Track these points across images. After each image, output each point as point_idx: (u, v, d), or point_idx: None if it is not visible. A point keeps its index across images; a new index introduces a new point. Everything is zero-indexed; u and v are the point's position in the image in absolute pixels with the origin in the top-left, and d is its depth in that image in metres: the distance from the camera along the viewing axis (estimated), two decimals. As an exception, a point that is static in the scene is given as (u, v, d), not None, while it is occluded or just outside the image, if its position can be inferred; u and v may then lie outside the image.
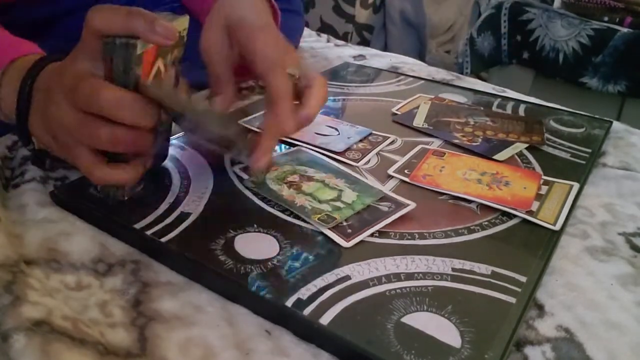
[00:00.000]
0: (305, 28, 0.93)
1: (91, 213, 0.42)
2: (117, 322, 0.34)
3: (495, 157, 0.53)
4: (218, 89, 0.48)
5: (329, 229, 0.40)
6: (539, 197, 0.46)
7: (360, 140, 0.55)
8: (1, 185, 0.45)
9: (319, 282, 0.36)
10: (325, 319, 0.33)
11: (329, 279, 0.36)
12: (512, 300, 0.35)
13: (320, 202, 0.43)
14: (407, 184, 0.48)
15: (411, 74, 0.77)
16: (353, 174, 0.49)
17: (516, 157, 0.54)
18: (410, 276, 0.37)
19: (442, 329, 0.33)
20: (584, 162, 0.54)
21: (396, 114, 0.63)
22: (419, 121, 0.60)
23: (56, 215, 0.43)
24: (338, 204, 0.44)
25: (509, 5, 1.42)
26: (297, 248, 0.39)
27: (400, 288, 0.36)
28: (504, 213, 0.44)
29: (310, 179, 0.47)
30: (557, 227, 0.43)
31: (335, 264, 0.38)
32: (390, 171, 0.50)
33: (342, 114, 0.63)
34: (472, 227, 0.43)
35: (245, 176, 0.48)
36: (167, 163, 0.49)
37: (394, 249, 0.39)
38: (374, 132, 0.57)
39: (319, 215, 0.42)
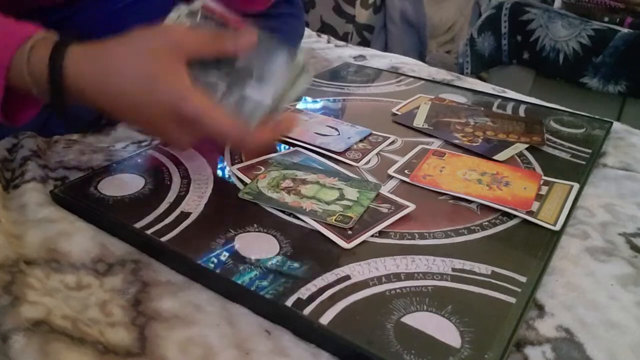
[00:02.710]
0: (306, 29, 0.93)
1: (91, 213, 0.42)
2: (117, 322, 0.34)
3: (495, 157, 0.53)
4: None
5: (329, 230, 0.40)
6: (539, 197, 0.46)
7: (361, 141, 0.55)
8: (1, 187, 0.45)
9: (319, 282, 0.36)
10: (325, 319, 0.33)
11: (329, 278, 0.36)
12: (512, 300, 0.35)
13: (327, 203, 0.43)
14: (407, 184, 0.48)
15: (411, 75, 0.77)
16: (343, 170, 0.49)
17: (516, 157, 0.54)
18: (410, 276, 0.37)
19: (442, 329, 0.33)
20: (584, 162, 0.54)
21: (396, 114, 0.63)
22: (419, 121, 0.60)
23: (56, 215, 0.42)
24: (345, 202, 0.44)
25: (509, 5, 1.42)
26: (297, 248, 0.39)
27: (400, 288, 0.36)
28: (504, 213, 0.44)
29: (304, 181, 0.46)
30: (557, 228, 0.43)
31: (335, 264, 0.38)
32: (391, 171, 0.50)
33: (342, 114, 0.63)
34: (472, 227, 0.42)
35: (246, 180, 0.48)
36: (167, 163, 0.50)
37: (394, 248, 0.39)
38: (374, 132, 0.57)
39: (334, 217, 0.42)
